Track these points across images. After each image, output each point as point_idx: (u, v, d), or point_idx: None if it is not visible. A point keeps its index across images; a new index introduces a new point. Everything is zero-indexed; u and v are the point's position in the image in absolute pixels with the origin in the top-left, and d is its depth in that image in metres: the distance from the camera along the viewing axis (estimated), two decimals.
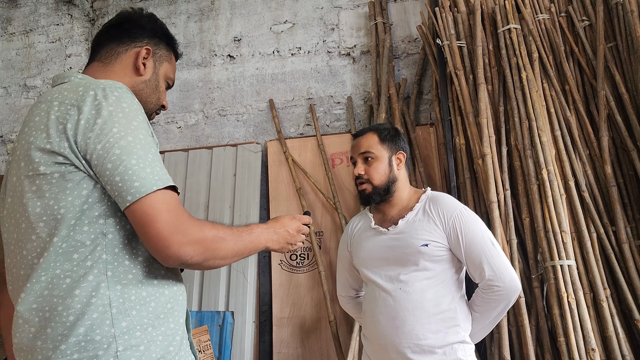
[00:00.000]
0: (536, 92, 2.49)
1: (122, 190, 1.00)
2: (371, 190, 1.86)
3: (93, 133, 1.02)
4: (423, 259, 1.74)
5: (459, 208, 1.81)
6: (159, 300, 1.09)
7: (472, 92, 2.63)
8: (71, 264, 1.03)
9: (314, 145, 3.08)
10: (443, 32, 2.77)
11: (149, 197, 1.00)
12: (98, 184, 1.05)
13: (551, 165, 2.34)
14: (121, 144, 1.02)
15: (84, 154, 1.03)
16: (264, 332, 2.95)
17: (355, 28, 3.24)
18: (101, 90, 1.07)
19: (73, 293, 1.01)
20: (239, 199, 3.04)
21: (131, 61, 1.27)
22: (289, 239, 1.32)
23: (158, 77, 1.32)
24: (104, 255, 1.04)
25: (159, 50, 1.33)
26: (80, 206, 1.04)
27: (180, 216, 1.02)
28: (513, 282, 1.72)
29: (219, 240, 1.07)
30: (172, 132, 3.37)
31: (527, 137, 2.44)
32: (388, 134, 1.92)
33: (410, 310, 1.70)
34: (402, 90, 2.99)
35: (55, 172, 1.04)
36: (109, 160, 1.01)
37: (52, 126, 1.05)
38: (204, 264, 1.06)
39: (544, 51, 2.62)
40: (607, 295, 2.19)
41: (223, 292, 2.89)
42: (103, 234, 1.05)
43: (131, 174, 1.00)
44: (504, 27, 2.67)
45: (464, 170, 2.57)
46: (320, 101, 3.20)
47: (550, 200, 2.28)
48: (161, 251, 1.00)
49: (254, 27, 3.37)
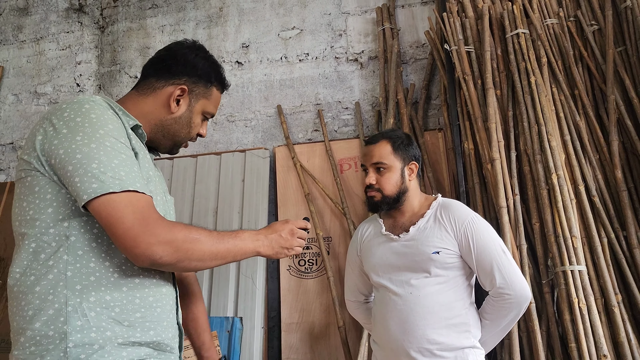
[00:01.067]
0: (545, 97, 2.48)
1: (80, 190, 1.04)
2: (380, 199, 1.86)
3: (57, 140, 1.08)
4: (434, 266, 1.74)
5: (471, 215, 1.81)
6: (125, 307, 1.11)
7: (480, 97, 2.62)
8: (38, 263, 1.09)
9: (322, 151, 3.08)
10: (451, 37, 2.77)
11: (109, 197, 1.03)
12: (63, 189, 1.10)
13: (561, 170, 2.33)
14: (83, 150, 1.06)
15: (48, 159, 1.09)
16: (272, 337, 2.94)
17: (363, 34, 3.25)
18: (75, 104, 1.13)
19: (34, 290, 1.08)
20: (247, 204, 3.05)
21: (165, 98, 1.30)
22: (283, 243, 1.31)
23: (192, 114, 1.33)
24: (65, 256, 1.08)
25: (197, 88, 1.33)
26: (45, 209, 1.10)
27: (148, 217, 1.05)
28: (523, 291, 1.73)
29: (191, 241, 1.09)
30: None
31: (537, 141, 2.43)
32: (401, 143, 1.90)
33: (421, 314, 1.70)
34: (410, 96, 2.99)
35: (28, 177, 1.13)
36: (70, 163, 1.06)
37: (30, 138, 1.15)
38: (178, 265, 1.08)
39: (552, 56, 2.61)
40: (619, 301, 2.17)
41: (232, 297, 2.89)
42: (66, 236, 1.09)
43: (90, 176, 1.04)
44: (512, 32, 2.67)
45: (473, 176, 2.57)
46: (328, 107, 3.21)
47: (560, 205, 2.27)
48: (130, 250, 1.04)
49: (262, 33, 3.39)
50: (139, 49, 3.54)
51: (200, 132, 1.39)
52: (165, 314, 1.19)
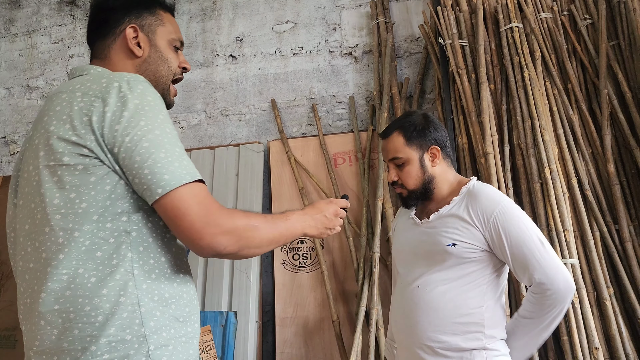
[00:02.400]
0: (538, 91, 2.49)
1: (152, 184, 0.98)
2: (407, 194, 1.73)
3: (120, 126, 0.99)
4: (450, 259, 1.59)
5: (500, 205, 1.59)
6: (178, 303, 1.08)
7: (474, 91, 2.63)
8: (95, 263, 1.00)
9: (316, 145, 3.08)
10: (445, 31, 2.76)
11: (179, 190, 0.98)
12: (122, 179, 1.02)
13: (554, 164, 2.33)
14: (149, 137, 1.00)
15: (111, 147, 1.00)
16: (267, 332, 2.95)
17: (357, 27, 3.24)
18: (125, 83, 1.04)
19: (100, 292, 0.98)
20: (241, 199, 3.05)
21: (124, 48, 1.21)
22: (327, 223, 1.29)
23: (158, 48, 1.24)
24: (129, 253, 1.02)
25: (144, 20, 1.24)
26: (103, 202, 1.01)
27: (211, 207, 1.01)
28: (567, 284, 1.53)
29: (251, 229, 1.06)
30: None
31: (530, 135, 2.43)
32: (415, 130, 1.72)
33: (424, 310, 1.59)
34: (404, 90, 2.99)
35: (79, 164, 1.00)
36: (138, 153, 0.98)
37: (76, 117, 1.02)
38: (239, 253, 1.05)
39: (546, 50, 2.61)
40: (611, 294, 2.18)
41: (226, 292, 2.89)
42: (127, 232, 1.02)
43: (160, 167, 0.98)
44: (506, 26, 2.67)
45: (467, 169, 2.57)
46: (322, 101, 3.20)
47: (553, 199, 2.27)
48: (195, 242, 0.99)
49: (256, 27, 3.37)
50: None
51: (183, 64, 1.29)
52: (197, 302, 1.18)
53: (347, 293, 2.82)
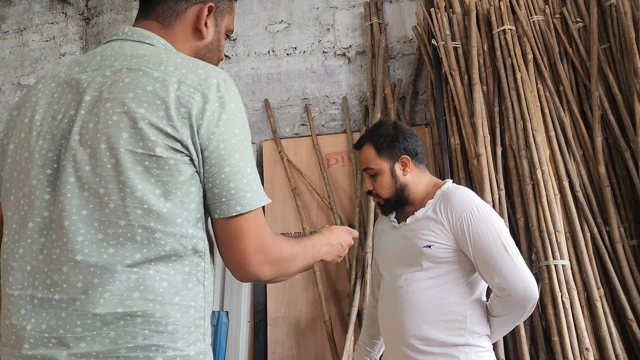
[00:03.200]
0: (531, 93, 2.51)
1: (232, 199, 0.92)
2: (383, 202, 1.78)
3: (218, 129, 0.92)
4: (426, 260, 1.65)
5: (470, 208, 1.64)
6: (207, 311, 1.02)
7: (467, 93, 2.64)
8: (167, 267, 0.92)
9: (309, 145, 3.08)
10: (438, 33, 2.78)
11: (251, 212, 0.93)
12: (201, 183, 0.94)
13: (545, 166, 2.35)
14: (241, 148, 0.93)
15: (204, 148, 0.92)
16: (258, 332, 2.94)
17: (351, 28, 3.25)
18: (222, 81, 0.95)
19: (173, 300, 0.91)
20: None
21: (191, 22, 1.09)
22: (340, 252, 1.27)
23: (220, 36, 1.15)
24: (202, 263, 0.96)
25: (221, 3, 1.13)
26: (188, 204, 0.93)
27: (265, 234, 0.96)
28: (527, 291, 1.55)
29: (291, 259, 1.03)
30: None
31: (522, 137, 2.45)
32: (384, 142, 1.76)
33: (409, 309, 1.64)
34: (397, 91, 3.00)
35: (170, 159, 0.90)
36: (229, 163, 0.92)
37: (172, 106, 0.91)
38: (273, 280, 1.02)
39: (538, 52, 2.63)
40: (601, 295, 2.20)
41: (218, 291, 2.89)
42: (202, 240, 0.96)
43: (245, 184, 0.93)
44: (499, 28, 2.68)
45: (459, 171, 2.58)
46: (315, 101, 3.20)
47: (545, 200, 2.29)
48: (241, 268, 0.95)
49: (249, 26, 3.37)
50: None
51: (223, 56, 1.20)
52: None
53: (339, 293, 2.83)
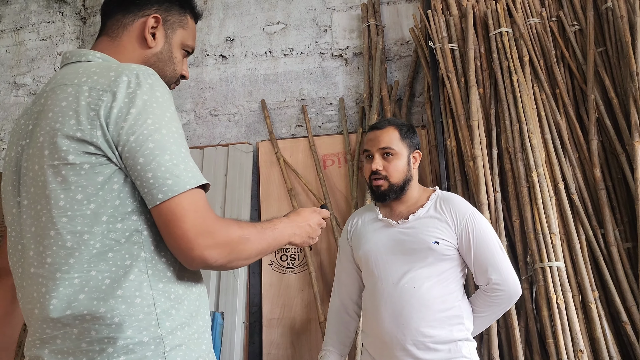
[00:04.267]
0: (527, 96, 2.51)
1: (153, 188, 0.94)
2: (387, 187, 1.79)
3: (126, 123, 0.95)
4: (432, 256, 1.72)
5: (471, 210, 1.80)
6: (190, 297, 1.05)
7: (463, 95, 2.64)
8: (107, 264, 0.96)
9: (305, 146, 3.08)
10: (435, 35, 2.78)
11: (179, 196, 0.94)
12: (129, 177, 0.98)
13: (541, 168, 2.35)
14: (155, 137, 0.95)
15: (116, 144, 0.95)
16: (253, 333, 2.94)
17: (348, 30, 3.25)
18: (134, 77, 0.99)
19: (115, 294, 0.95)
20: (230, 199, 3.03)
21: (138, 32, 1.16)
22: (311, 232, 1.28)
23: (171, 47, 1.20)
24: (142, 253, 0.99)
25: (171, 16, 1.20)
26: (112, 201, 0.97)
27: (207, 217, 0.97)
28: (516, 287, 1.74)
29: (244, 242, 1.03)
30: None
31: (518, 139, 2.45)
32: (408, 131, 1.86)
33: (416, 307, 1.68)
34: (394, 93, 3.00)
35: (85, 163, 0.96)
36: (142, 154, 0.94)
37: (82, 112, 0.96)
38: (227, 265, 1.02)
39: (535, 55, 2.64)
40: (596, 298, 2.20)
41: (213, 292, 2.88)
42: (138, 231, 0.99)
43: (164, 171, 0.94)
44: (496, 30, 2.69)
45: (455, 173, 2.59)
46: (312, 102, 3.20)
47: (540, 203, 2.29)
48: (185, 253, 0.96)
49: (246, 27, 3.37)
50: None
51: (183, 73, 1.25)
52: (206, 293, 1.15)
53: None
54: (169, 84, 1.22)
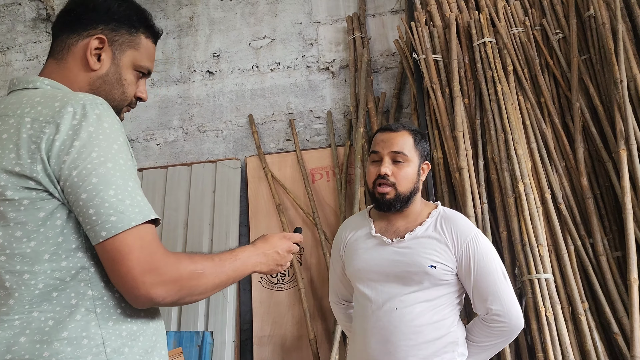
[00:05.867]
0: (511, 105, 2.49)
1: (96, 225, 0.89)
2: (394, 196, 1.63)
3: (69, 157, 0.90)
4: (427, 280, 1.58)
5: (474, 232, 1.63)
6: (146, 333, 1.01)
7: (448, 106, 2.63)
8: (51, 304, 0.91)
9: (293, 161, 3.06)
10: (419, 46, 2.77)
11: (124, 233, 0.90)
12: (72, 212, 0.93)
13: (527, 178, 2.33)
14: (99, 171, 0.91)
15: (59, 179, 0.91)
16: (245, 351, 2.90)
17: (334, 43, 3.25)
18: (81, 107, 0.94)
19: (60, 336, 0.90)
20: (218, 215, 3.01)
21: (82, 54, 1.09)
22: (279, 260, 1.22)
23: (120, 69, 1.13)
24: (89, 291, 0.94)
25: (118, 36, 1.12)
26: (54, 238, 0.92)
27: (155, 253, 0.92)
28: (519, 320, 1.60)
29: (196, 277, 0.97)
30: (151, 149, 3.34)
31: (504, 150, 2.43)
32: (421, 139, 1.71)
33: (406, 333, 1.55)
34: (381, 104, 2.99)
35: (24, 199, 0.91)
36: (84, 189, 0.90)
37: (23, 145, 0.92)
38: (179, 302, 0.97)
39: (519, 64, 2.63)
40: (585, 309, 2.17)
41: (202, 311, 2.85)
42: (85, 268, 0.94)
43: (107, 207, 0.90)
44: (479, 40, 2.68)
45: (442, 184, 2.56)
46: (300, 116, 3.19)
47: (527, 213, 2.27)
48: (130, 292, 0.91)
49: (232, 42, 3.36)
50: None
51: (139, 94, 1.17)
52: (163, 327, 1.10)
53: (324, 310, 2.79)
54: (120, 107, 1.16)
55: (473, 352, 1.64)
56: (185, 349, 2.76)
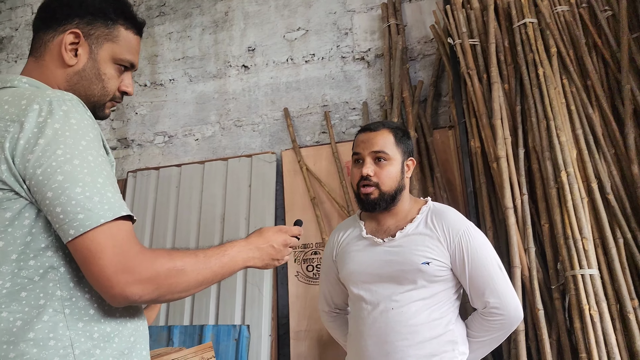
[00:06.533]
0: (554, 89, 2.34)
1: (64, 223, 0.88)
2: (378, 196, 1.62)
3: (33, 155, 0.89)
4: (422, 278, 1.55)
5: (466, 225, 1.62)
6: (122, 334, 0.99)
7: (486, 92, 2.50)
8: (20, 304, 0.90)
9: (328, 154, 3.01)
10: (454, 31, 2.65)
11: (94, 230, 0.88)
12: (42, 211, 0.92)
13: (571, 167, 2.18)
14: (65, 168, 0.89)
15: (24, 178, 0.90)
16: (283, 345, 2.89)
17: (369, 31, 3.16)
18: (47, 104, 0.92)
19: (27, 337, 0.89)
20: (254, 209, 3.01)
21: (58, 50, 1.07)
22: (274, 254, 1.19)
23: (97, 64, 1.09)
24: (58, 291, 0.92)
25: (95, 30, 1.09)
26: (22, 238, 0.91)
27: (128, 251, 0.90)
28: (517, 312, 1.58)
29: (175, 274, 0.95)
30: (189, 145, 3.38)
31: (545, 137, 2.28)
32: (403, 136, 1.71)
33: (403, 333, 1.52)
34: (417, 93, 2.88)
35: None
36: (49, 188, 0.88)
37: None
38: (160, 300, 0.96)
39: (563, 45, 2.45)
40: (635, 307, 2.01)
41: (239, 305, 2.86)
42: (54, 268, 0.93)
43: (74, 205, 0.87)
44: (520, 21, 2.53)
45: (480, 175, 2.44)
46: (335, 108, 3.13)
47: (570, 205, 2.12)
48: (105, 291, 0.90)
49: (267, 36, 3.34)
50: (148, 58, 3.55)
51: (123, 88, 1.14)
52: (145, 327, 1.09)
53: None
54: (102, 102, 1.13)
55: (473, 347, 1.62)
56: (222, 342, 2.78)
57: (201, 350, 2.12)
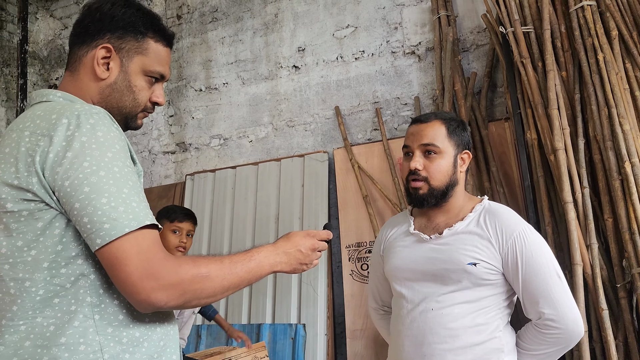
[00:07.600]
0: (616, 75, 2.20)
1: (91, 233, 0.92)
2: (427, 191, 1.53)
3: (62, 168, 0.93)
4: (468, 279, 1.46)
5: (522, 227, 1.49)
6: (151, 339, 1.02)
7: (541, 81, 2.38)
8: (53, 310, 0.95)
9: (380, 151, 2.98)
10: (506, 18, 2.54)
11: (120, 239, 0.91)
12: (71, 221, 0.96)
13: (636, 157, 2.04)
14: (91, 180, 0.92)
15: (54, 190, 0.94)
16: (340, 344, 2.90)
17: (420, 24, 3.10)
18: (75, 118, 0.97)
19: (59, 341, 0.93)
20: (307, 209, 3.03)
21: (91, 65, 1.11)
22: (302, 259, 1.18)
23: (128, 76, 1.13)
24: (88, 297, 0.96)
25: (125, 43, 1.12)
26: (53, 247, 0.95)
27: (153, 258, 0.93)
28: (577, 326, 1.43)
29: (200, 280, 0.97)
30: (244, 147, 3.44)
31: (607, 126, 2.15)
32: (457, 127, 1.60)
33: (442, 336, 1.44)
34: (471, 85, 2.80)
35: (23, 210, 0.95)
36: (77, 199, 0.92)
37: (21, 159, 0.96)
38: (187, 305, 0.98)
39: (625, 28, 2.30)
40: None
41: (294, 305, 2.89)
42: (84, 275, 0.97)
43: (100, 215, 0.91)
44: (577, 5, 2.39)
45: (537, 168, 2.34)
46: (386, 104, 3.09)
47: (636, 197, 1.99)
48: (132, 297, 0.93)
49: (316, 35, 3.35)
50: (202, 63, 3.65)
51: (154, 99, 1.17)
52: (175, 331, 1.12)
53: None
54: (133, 114, 1.16)
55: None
56: (279, 341, 2.82)
57: (255, 349, 2.16)
